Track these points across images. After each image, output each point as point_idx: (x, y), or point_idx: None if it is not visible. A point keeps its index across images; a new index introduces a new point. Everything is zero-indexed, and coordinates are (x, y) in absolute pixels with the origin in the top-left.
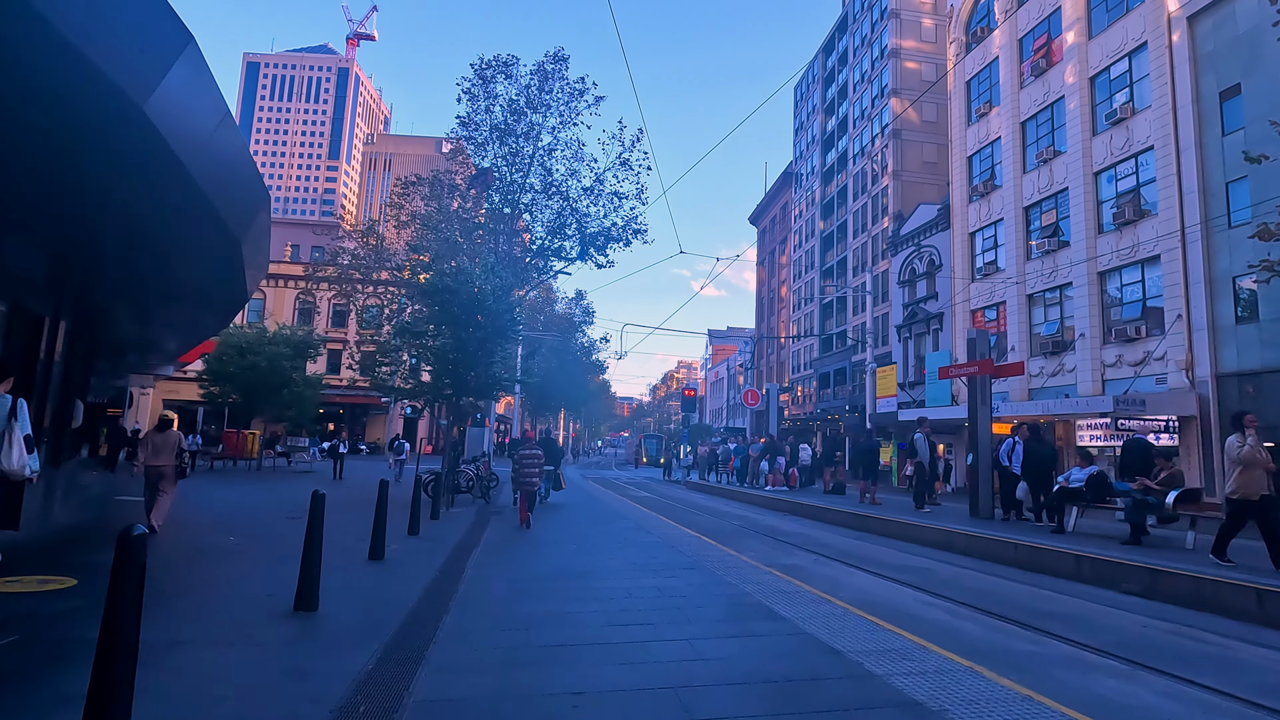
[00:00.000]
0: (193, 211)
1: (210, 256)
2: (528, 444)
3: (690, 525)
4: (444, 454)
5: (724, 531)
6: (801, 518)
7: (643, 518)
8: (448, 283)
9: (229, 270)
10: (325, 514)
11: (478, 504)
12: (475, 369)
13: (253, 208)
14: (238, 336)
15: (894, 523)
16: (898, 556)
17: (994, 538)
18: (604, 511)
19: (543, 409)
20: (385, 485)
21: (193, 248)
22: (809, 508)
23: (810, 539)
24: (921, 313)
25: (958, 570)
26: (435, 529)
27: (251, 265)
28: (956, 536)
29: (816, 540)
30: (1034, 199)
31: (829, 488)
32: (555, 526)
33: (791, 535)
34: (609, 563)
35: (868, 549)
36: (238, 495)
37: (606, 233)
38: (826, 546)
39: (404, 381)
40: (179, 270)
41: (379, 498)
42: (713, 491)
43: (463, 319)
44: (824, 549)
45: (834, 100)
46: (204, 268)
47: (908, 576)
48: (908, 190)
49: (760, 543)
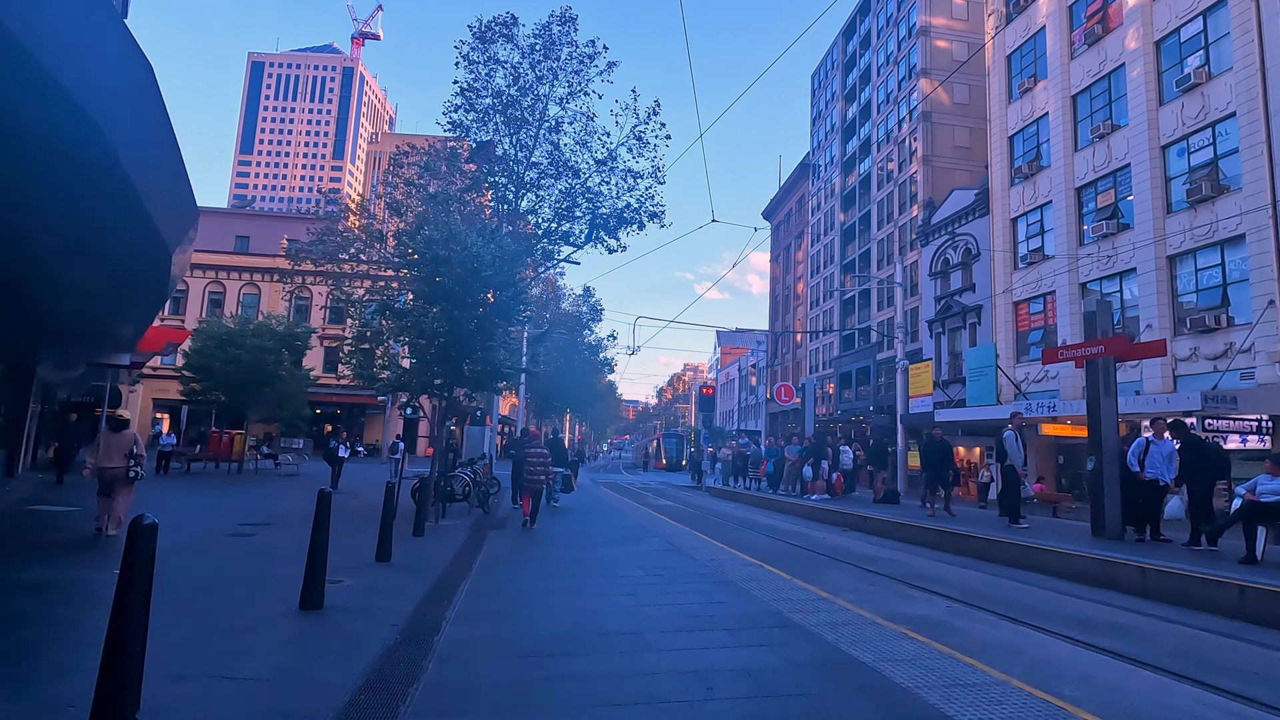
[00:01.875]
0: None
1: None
2: (533, 442)
3: (738, 546)
4: (434, 455)
5: (787, 557)
6: (870, 535)
7: (674, 534)
8: (437, 251)
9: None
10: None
11: (475, 514)
12: (472, 355)
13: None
14: (218, 328)
15: (1007, 545)
16: (1059, 602)
17: (1190, 574)
18: (626, 525)
19: (548, 410)
20: (327, 498)
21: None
22: (875, 522)
23: (908, 569)
24: (956, 306)
25: (1181, 630)
26: (415, 551)
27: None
28: (1123, 570)
29: (918, 571)
30: (1088, 178)
31: (879, 495)
32: (571, 545)
33: (878, 562)
34: (655, 613)
35: (1002, 586)
36: (193, 504)
37: (619, 214)
38: (941, 583)
39: (383, 368)
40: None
41: (316, 514)
42: (743, 500)
43: (456, 294)
44: (942, 587)
45: (855, 86)
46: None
47: (1125, 644)
48: (939, 176)
49: (846, 575)
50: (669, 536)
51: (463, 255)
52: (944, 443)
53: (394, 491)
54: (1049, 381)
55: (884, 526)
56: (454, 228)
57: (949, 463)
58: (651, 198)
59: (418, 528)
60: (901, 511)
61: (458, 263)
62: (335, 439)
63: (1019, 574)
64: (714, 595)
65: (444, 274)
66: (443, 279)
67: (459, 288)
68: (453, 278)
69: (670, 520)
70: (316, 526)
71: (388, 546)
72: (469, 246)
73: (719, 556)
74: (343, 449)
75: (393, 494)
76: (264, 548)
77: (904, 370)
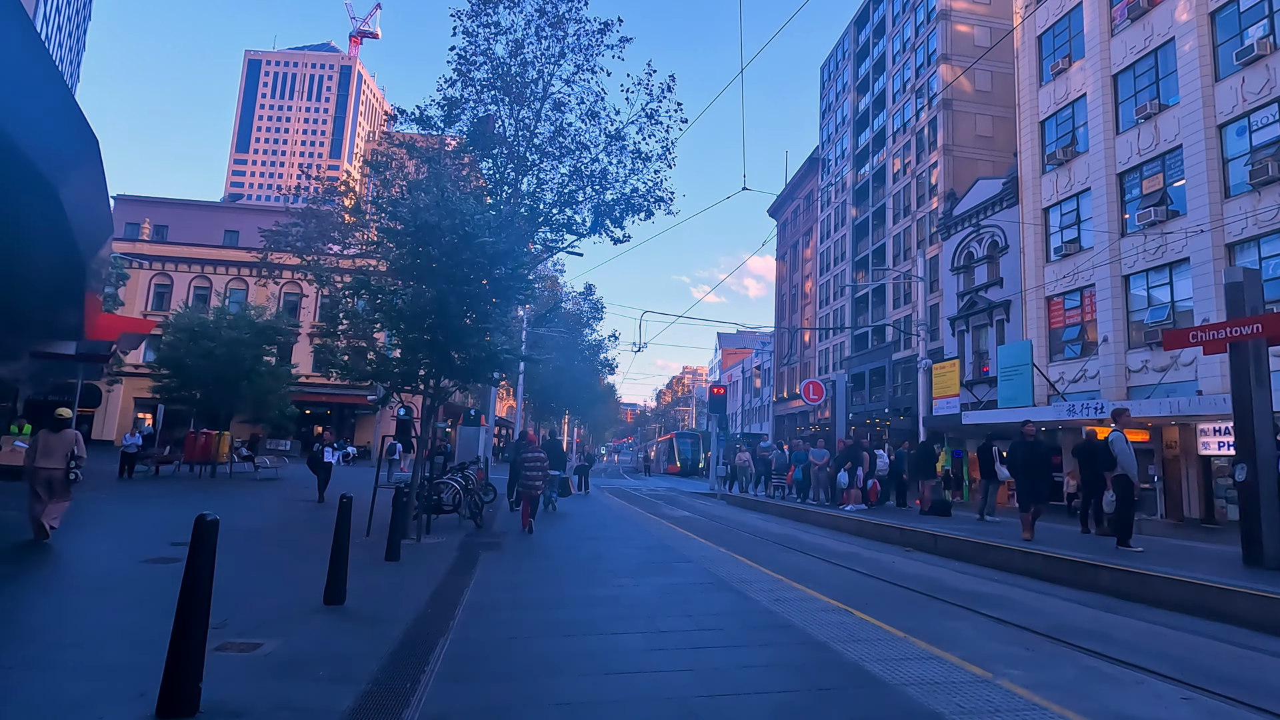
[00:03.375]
0: None
1: None
2: (530, 447)
3: (799, 576)
4: (416, 458)
5: (871, 596)
6: (942, 557)
7: (709, 557)
8: (426, 218)
9: None
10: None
11: (466, 528)
12: (463, 340)
13: None
14: (190, 319)
15: (1161, 581)
16: None
17: None
18: (647, 544)
19: (546, 412)
20: (210, 527)
21: None
22: (949, 541)
23: (1052, 618)
24: (982, 302)
25: None
26: (382, 584)
27: None
28: None
29: (1069, 623)
30: (1132, 163)
31: (926, 506)
32: (584, 575)
33: (1000, 605)
34: (732, 711)
35: (1222, 653)
36: (132, 516)
37: (626, 200)
38: (1125, 647)
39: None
40: None
41: (192, 550)
42: (770, 510)
43: (445, 266)
44: (1132, 655)
45: (868, 76)
46: None
47: None
48: (960, 167)
49: (979, 631)
50: (705, 562)
51: (454, 221)
52: (1039, 444)
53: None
54: (1087, 381)
55: (961, 547)
56: (446, 192)
57: (1047, 470)
58: (660, 183)
59: (391, 549)
60: (969, 527)
61: (448, 229)
62: (320, 441)
63: (1205, 625)
64: (811, 670)
65: (431, 243)
66: (429, 249)
67: (448, 258)
68: (441, 248)
69: (697, 537)
70: (190, 577)
71: (340, 583)
72: (463, 212)
73: (784, 595)
74: (329, 452)
75: (348, 511)
76: (175, 584)
77: (927, 370)
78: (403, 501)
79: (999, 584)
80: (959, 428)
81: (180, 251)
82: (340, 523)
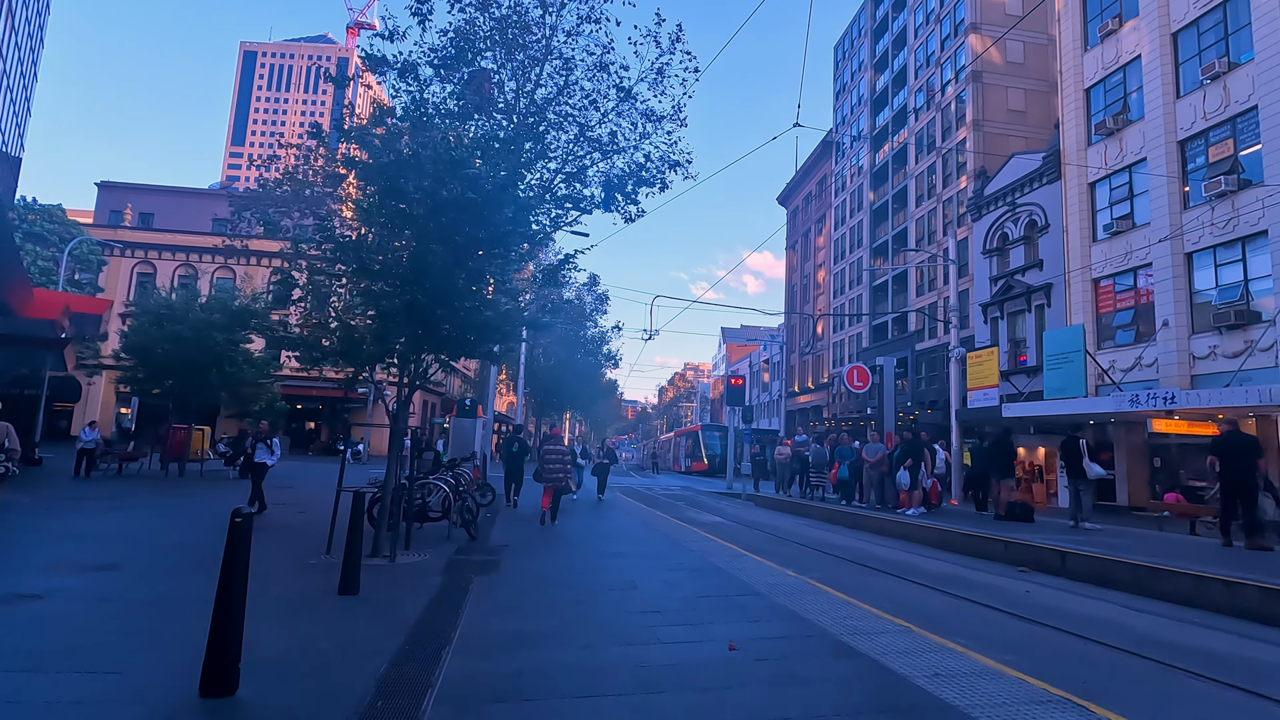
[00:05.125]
0: None
1: None
2: (554, 441)
3: (946, 630)
4: (390, 455)
5: (1108, 673)
6: (1090, 585)
7: (778, 586)
8: (401, 150)
9: None
10: (105, 584)
11: (457, 539)
12: (450, 304)
13: None
14: (155, 302)
15: None
16: None
17: None
18: (686, 562)
19: (548, 407)
20: None
21: None
22: (1090, 563)
23: None
24: (1019, 286)
25: None
26: (319, 642)
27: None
28: None
29: None
30: (1196, 128)
31: (1002, 510)
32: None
33: (1251, 673)
34: None
35: None
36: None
37: (637, 173)
38: None
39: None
40: None
41: None
42: (814, 514)
43: (428, 207)
44: None
45: (887, 52)
46: None
47: None
48: (991, 143)
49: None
50: (778, 593)
51: (435, 152)
52: (1247, 440)
53: (235, 535)
54: (1142, 370)
55: (1109, 571)
56: (427, 113)
57: (1253, 468)
58: (674, 144)
59: (348, 578)
60: (1076, 537)
61: (429, 160)
62: (256, 436)
63: None
64: None
65: (409, 179)
66: (405, 183)
67: (429, 200)
68: (420, 187)
69: (748, 552)
70: None
71: (230, 658)
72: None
73: (939, 663)
74: (263, 451)
75: (243, 536)
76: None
77: (960, 359)
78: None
79: (1229, 636)
80: (997, 421)
81: (164, 239)
82: (232, 555)
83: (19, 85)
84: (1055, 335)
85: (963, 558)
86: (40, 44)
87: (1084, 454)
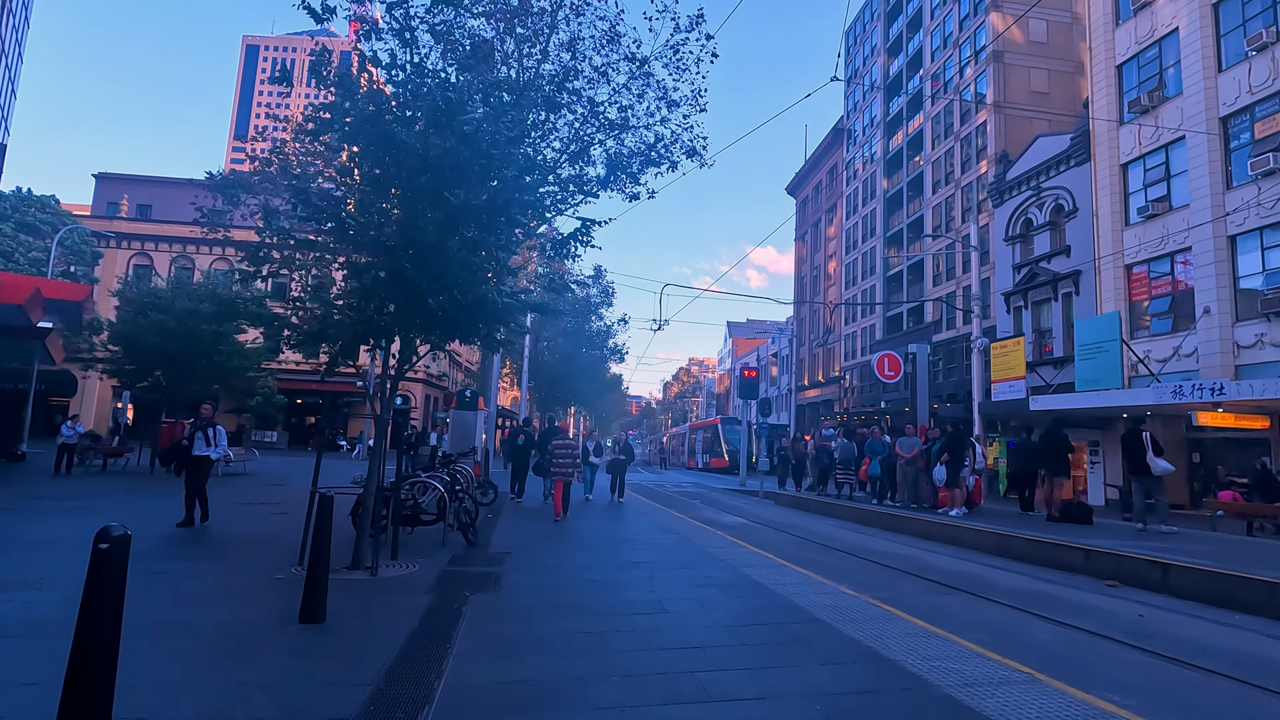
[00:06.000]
0: None
1: None
2: (561, 434)
3: (1093, 683)
4: (373, 452)
5: None
6: (1202, 604)
7: (833, 609)
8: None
9: None
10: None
11: (453, 544)
12: (444, 276)
13: None
14: (140, 291)
15: None
16: None
17: None
18: (718, 575)
19: (552, 401)
20: None
21: None
22: (1196, 576)
23: None
24: (1044, 273)
25: None
26: (250, 702)
27: None
28: None
29: None
30: (1240, 103)
31: (1056, 511)
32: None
33: None
34: None
35: None
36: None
37: (645, 153)
38: None
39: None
40: None
41: None
42: (843, 515)
43: (417, 166)
44: None
45: (901, 35)
46: None
47: None
48: (1012, 126)
49: None
50: (837, 618)
51: (430, 97)
52: None
53: (97, 564)
54: (1180, 360)
55: (1228, 587)
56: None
57: None
58: (690, 127)
59: (311, 602)
60: (1153, 543)
61: (423, 107)
62: (196, 424)
63: None
64: None
65: (395, 128)
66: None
67: (420, 151)
68: (412, 135)
69: (785, 561)
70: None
71: None
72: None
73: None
74: (205, 443)
75: (111, 569)
76: None
77: (983, 350)
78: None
79: None
80: (1024, 415)
81: (161, 230)
82: (94, 602)
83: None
84: (1088, 324)
85: (1031, 567)
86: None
87: (1148, 448)
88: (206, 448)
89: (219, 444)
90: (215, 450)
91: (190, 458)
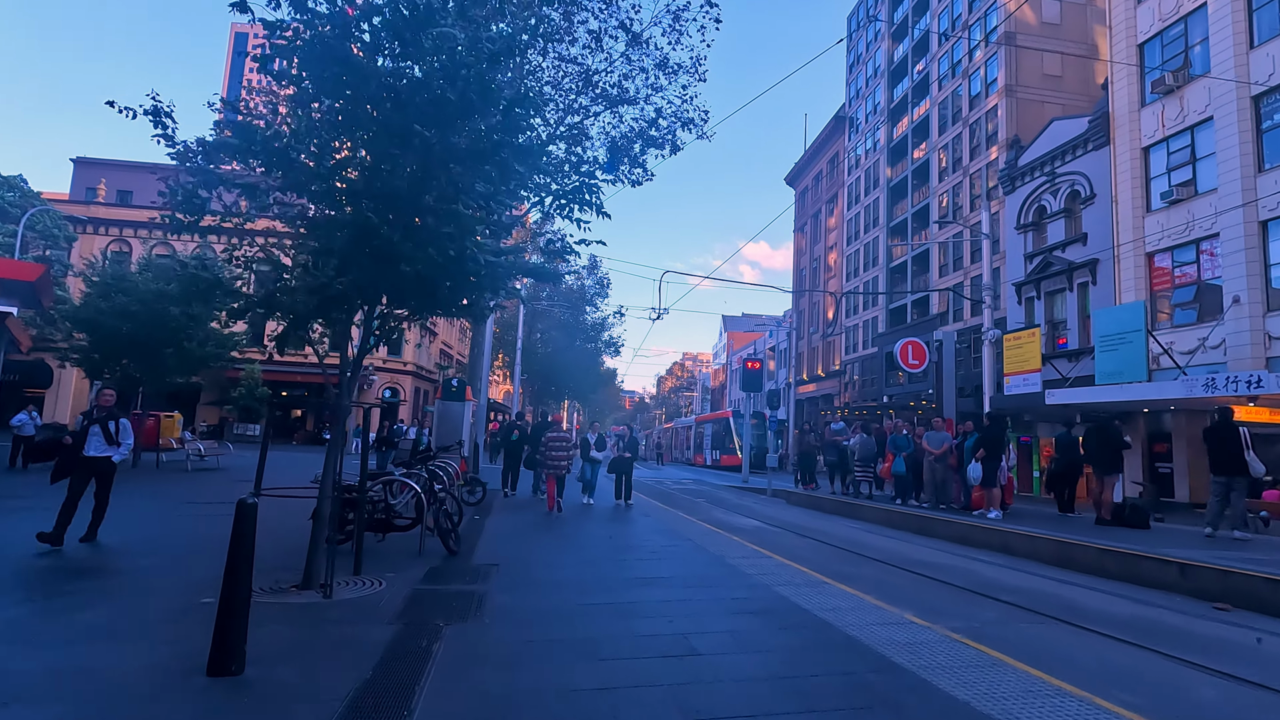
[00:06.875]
0: None
1: None
2: (555, 428)
3: None
4: (330, 447)
5: None
6: None
7: (905, 645)
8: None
9: None
10: None
11: (431, 554)
12: (417, 234)
13: None
14: (101, 272)
15: None
16: None
17: None
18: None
19: (545, 395)
20: None
21: None
22: None
23: None
24: (1059, 262)
25: None
26: None
27: None
28: None
29: None
30: (1274, 81)
31: (1106, 513)
32: None
33: None
34: None
35: None
36: None
37: (644, 133)
38: None
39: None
40: None
41: None
42: (863, 515)
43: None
44: None
45: (907, 18)
46: None
47: None
48: (1024, 111)
49: None
50: (943, 677)
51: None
52: None
53: None
54: (1206, 352)
55: None
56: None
57: None
58: (690, 99)
59: (220, 653)
60: (1250, 554)
61: (390, 27)
62: (91, 415)
63: None
64: None
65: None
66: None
67: (390, 77)
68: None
69: (837, 583)
70: None
71: None
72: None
73: None
74: (98, 440)
75: None
76: None
77: (995, 342)
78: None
79: None
80: (1039, 409)
81: (139, 215)
82: None
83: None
84: (1109, 314)
85: (1111, 583)
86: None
87: (1248, 444)
88: (107, 447)
89: (124, 441)
90: (118, 451)
91: (82, 460)
